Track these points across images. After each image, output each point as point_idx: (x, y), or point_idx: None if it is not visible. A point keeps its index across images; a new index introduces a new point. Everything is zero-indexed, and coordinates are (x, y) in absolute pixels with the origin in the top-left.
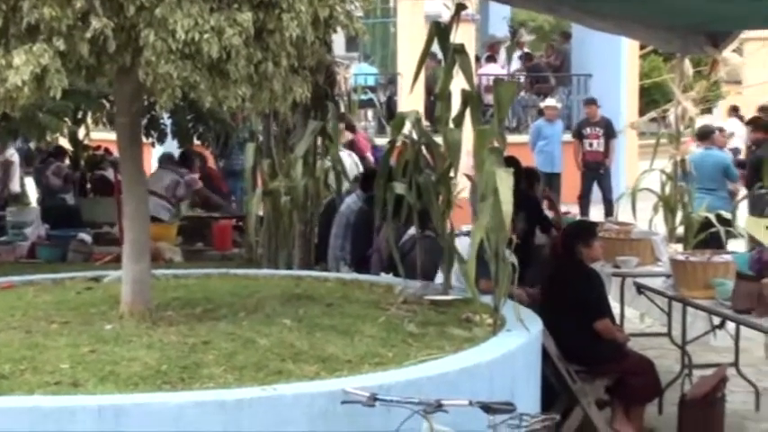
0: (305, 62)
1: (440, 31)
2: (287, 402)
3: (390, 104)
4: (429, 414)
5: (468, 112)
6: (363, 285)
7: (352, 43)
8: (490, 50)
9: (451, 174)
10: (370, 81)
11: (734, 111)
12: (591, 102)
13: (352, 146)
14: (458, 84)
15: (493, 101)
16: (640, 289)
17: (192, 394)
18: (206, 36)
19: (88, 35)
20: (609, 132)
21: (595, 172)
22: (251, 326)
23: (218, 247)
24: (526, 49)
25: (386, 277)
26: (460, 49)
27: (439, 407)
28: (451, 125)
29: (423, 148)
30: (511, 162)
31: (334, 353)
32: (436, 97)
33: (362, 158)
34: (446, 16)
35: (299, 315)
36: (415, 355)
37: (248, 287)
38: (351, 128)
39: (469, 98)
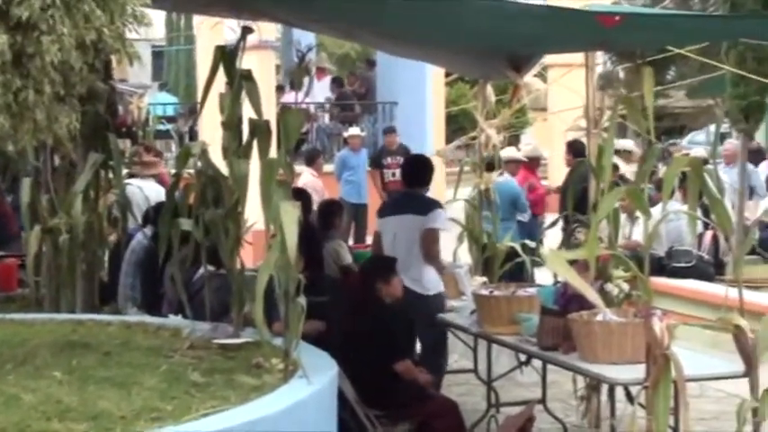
0: (73, 90)
1: (225, 56)
2: None
3: (192, 135)
4: None
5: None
6: (149, 329)
7: (158, 72)
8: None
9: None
10: (170, 111)
11: None
12: (391, 130)
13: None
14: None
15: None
16: (444, 325)
17: None
18: None
19: None
20: None
21: None
22: (17, 380)
23: (2, 287)
24: (330, 76)
25: (174, 320)
26: (247, 76)
27: None
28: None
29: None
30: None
31: (106, 408)
32: (224, 126)
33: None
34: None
35: (72, 366)
36: (197, 408)
37: (20, 334)
38: (158, 155)
39: (257, 128)
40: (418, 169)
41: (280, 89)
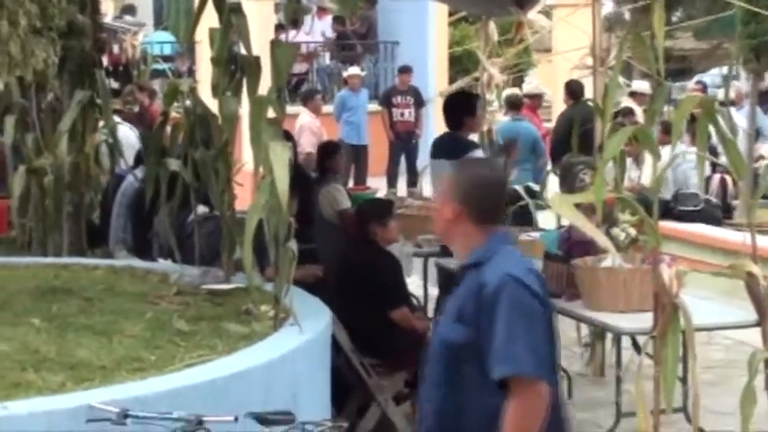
0: (51, 23)
1: None
2: (20, 422)
3: (191, 75)
4: None
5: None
6: (137, 273)
7: (160, 12)
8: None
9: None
10: (167, 50)
11: None
12: (406, 70)
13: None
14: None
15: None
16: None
17: None
18: None
19: None
20: (418, 101)
21: (407, 142)
22: None
23: None
24: (331, 15)
25: (163, 264)
26: (237, 9)
27: (200, 424)
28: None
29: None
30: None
31: (85, 358)
32: (213, 63)
33: None
34: None
35: (52, 313)
36: (182, 358)
37: (1, 279)
38: (152, 94)
39: (246, 64)
40: (447, 111)
41: (280, 28)
